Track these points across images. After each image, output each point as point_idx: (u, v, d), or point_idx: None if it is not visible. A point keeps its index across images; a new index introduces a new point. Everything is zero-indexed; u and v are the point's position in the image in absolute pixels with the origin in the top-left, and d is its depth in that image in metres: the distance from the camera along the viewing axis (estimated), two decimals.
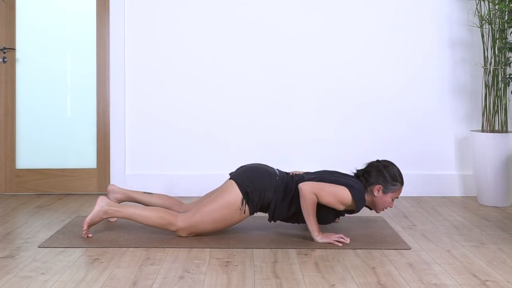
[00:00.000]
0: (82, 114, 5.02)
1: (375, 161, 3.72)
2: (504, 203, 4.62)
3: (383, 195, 3.62)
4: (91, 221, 3.61)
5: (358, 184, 3.58)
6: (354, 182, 3.59)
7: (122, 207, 3.62)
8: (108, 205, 3.62)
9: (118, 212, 3.61)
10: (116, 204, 3.65)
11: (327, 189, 3.51)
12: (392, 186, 3.62)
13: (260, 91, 4.97)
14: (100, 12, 4.96)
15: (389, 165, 3.67)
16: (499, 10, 4.59)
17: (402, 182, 3.66)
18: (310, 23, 4.95)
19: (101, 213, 3.61)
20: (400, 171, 3.69)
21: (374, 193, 3.62)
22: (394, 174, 3.63)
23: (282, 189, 3.64)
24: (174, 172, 4.98)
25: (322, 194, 3.49)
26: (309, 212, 3.52)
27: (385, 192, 3.62)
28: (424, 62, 4.97)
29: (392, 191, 3.62)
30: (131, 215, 3.61)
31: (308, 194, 3.49)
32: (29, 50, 5.00)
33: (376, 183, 3.61)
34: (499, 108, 4.69)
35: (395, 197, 3.66)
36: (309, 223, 3.54)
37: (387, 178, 3.61)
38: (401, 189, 3.67)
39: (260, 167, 3.71)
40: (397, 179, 3.63)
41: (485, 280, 2.95)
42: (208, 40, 4.95)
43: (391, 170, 3.64)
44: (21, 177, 4.99)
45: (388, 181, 3.61)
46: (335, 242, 3.50)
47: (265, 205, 3.65)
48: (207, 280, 2.93)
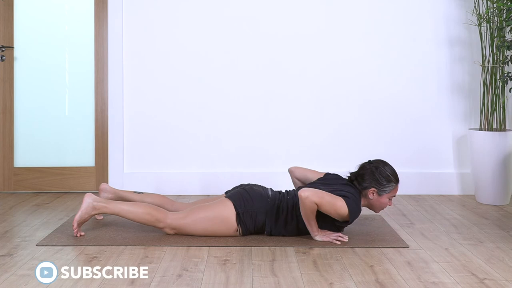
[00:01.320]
0: (80, 112, 5.01)
1: (367, 163, 3.67)
2: (502, 201, 4.62)
3: (379, 197, 3.60)
4: (80, 218, 3.59)
5: (353, 194, 3.55)
6: (349, 193, 3.54)
7: (110, 203, 3.61)
8: (96, 200, 3.60)
9: (105, 208, 3.59)
10: (104, 199, 3.63)
11: (327, 198, 3.45)
12: (387, 188, 3.58)
13: (258, 91, 4.97)
14: (98, 11, 4.96)
15: (381, 165, 3.62)
16: (497, 8, 4.59)
17: (396, 181, 3.61)
18: (307, 23, 4.95)
19: (89, 209, 3.58)
20: (393, 169, 3.64)
21: (369, 197, 3.61)
22: (386, 175, 3.58)
23: (274, 211, 3.62)
24: (172, 170, 4.98)
25: (322, 203, 3.43)
26: (308, 217, 3.50)
27: (380, 195, 3.60)
28: (422, 61, 4.97)
29: (387, 192, 3.60)
30: (119, 211, 3.59)
31: (308, 202, 3.43)
32: (27, 49, 4.99)
33: (370, 186, 3.58)
34: (497, 107, 4.69)
35: (392, 196, 3.63)
36: (308, 225, 3.54)
37: (380, 180, 3.57)
38: (397, 187, 3.63)
39: (253, 189, 3.67)
40: (391, 179, 3.59)
41: (483, 278, 2.95)
42: (206, 40, 4.94)
43: (383, 171, 3.59)
44: (19, 176, 4.99)
45: (381, 183, 3.57)
46: (333, 241, 3.50)
47: (259, 227, 3.63)
48: (205, 279, 2.93)
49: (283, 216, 3.60)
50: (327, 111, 4.98)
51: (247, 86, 4.97)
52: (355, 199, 3.53)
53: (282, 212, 3.61)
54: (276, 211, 3.62)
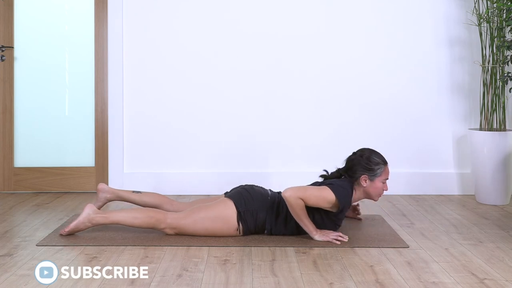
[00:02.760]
0: (80, 112, 5.02)
1: (351, 155, 3.70)
2: (502, 202, 4.62)
3: (372, 182, 3.61)
4: (75, 227, 3.58)
5: (340, 182, 3.57)
6: (335, 181, 3.58)
7: (109, 213, 3.60)
8: (95, 213, 3.59)
9: (105, 218, 3.58)
10: (103, 211, 3.62)
11: (309, 190, 3.48)
12: (377, 171, 3.60)
13: (258, 91, 4.97)
14: (98, 11, 4.96)
15: (365, 152, 3.65)
16: (497, 8, 4.59)
17: (384, 162, 3.63)
18: (307, 23, 4.95)
19: (86, 221, 3.58)
20: (379, 153, 3.66)
21: (362, 184, 3.62)
22: (373, 159, 3.61)
23: (274, 209, 3.63)
24: (172, 170, 4.98)
25: (306, 195, 3.46)
26: (299, 216, 3.51)
27: (372, 180, 3.61)
28: (422, 61, 4.97)
29: (379, 175, 3.61)
30: (119, 219, 3.58)
31: (293, 199, 3.46)
32: (27, 49, 4.99)
33: (360, 175, 3.60)
34: (497, 106, 4.69)
35: (385, 179, 3.64)
36: (304, 225, 3.54)
37: (368, 166, 3.59)
38: (387, 168, 3.65)
39: (253, 188, 3.69)
40: (378, 161, 3.61)
41: (483, 278, 2.95)
42: (206, 40, 4.94)
43: (369, 157, 3.61)
44: (19, 176, 4.99)
45: (370, 168, 3.59)
46: (333, 241, 3.50)
47: (259, 226, 3.64)
48: (205, 279, 2.93)
49: (283, 214, 3.61)
50: (327, 111, 4.98)
51: (247, 86, 4.97)
52: (342, 185, 3.55)
53: (282, 211, 3.62)
54: (276, 209, 3.63)
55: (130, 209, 3.63)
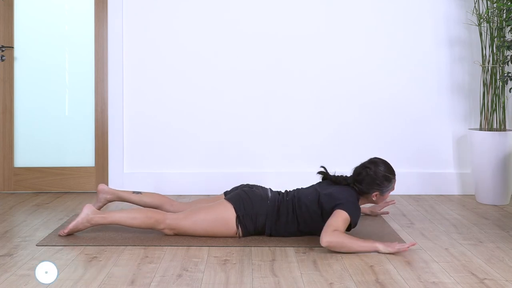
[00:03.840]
0: (80, 112, 5.02)
1: (360, 167, 3.61)
2: (502, 202, 4.62)
3: (381, 196, 3.61)
4: (74, 227, 3.59)
5: (346, 194, 3.49)
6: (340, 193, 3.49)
7: (108, 214, 3.59)
8: (94, 213, 3.59)
9: (104, 218, 3.58)
10: (101, 212, 3.62)
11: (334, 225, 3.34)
12: (389, 187, 3.58)
13: (258, 91, 4.97)
14: (98, 11, 4.96)
15: (376, 167, 3.57)
16: (497, 8, 4.59)
17: (394, 175, 3.59)
18: (307, 23, 4.95)
19: (85, 221, 3.58)
20: (388, 165, 3.59)
21: (372, 199, 3.61)
22: (384, 175, 3.55)
23: (275, 212, 3.60)
24: (172, 170, 4.98)
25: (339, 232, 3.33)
26: (351, 247, 3.31)
27: (382, 194, 3.60)
28: (422, 61, 4.97)
29: (389, 188, 3.60)
30: (118, 219, 3.57)
31: (334, 244, 3.29)
32: (27, 49, 4.99)
33: (372, 191, 3.57)
34: (497, 107, 4.69)
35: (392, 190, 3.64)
36: (362, 249, 3.33)
37: (381, 183, 3.55)
38: (395, 179, 3.62)
39: (252, 191, 3.64)
40: (390, 178, 3.56)
41: (483, 278, 2.95)
42: (206, 40, 4.95)
43: (380, 173, 3.55)
44: (19, 176, 4.99)
45: (382, 185, 3.55)
46: (398, 250, 3.32)
47: (259, 229, 3.62)
48: (205, 279, 2.93)
49: (283, 218, 3.60)
50: (327, 111, 4.98)
51: (247, 86, 4.97)
52: (351, 200, 3.47)
53: (282, 214, 3.60)
54: (276, 213, 3.61)
55: (129, 210, 3.63)
